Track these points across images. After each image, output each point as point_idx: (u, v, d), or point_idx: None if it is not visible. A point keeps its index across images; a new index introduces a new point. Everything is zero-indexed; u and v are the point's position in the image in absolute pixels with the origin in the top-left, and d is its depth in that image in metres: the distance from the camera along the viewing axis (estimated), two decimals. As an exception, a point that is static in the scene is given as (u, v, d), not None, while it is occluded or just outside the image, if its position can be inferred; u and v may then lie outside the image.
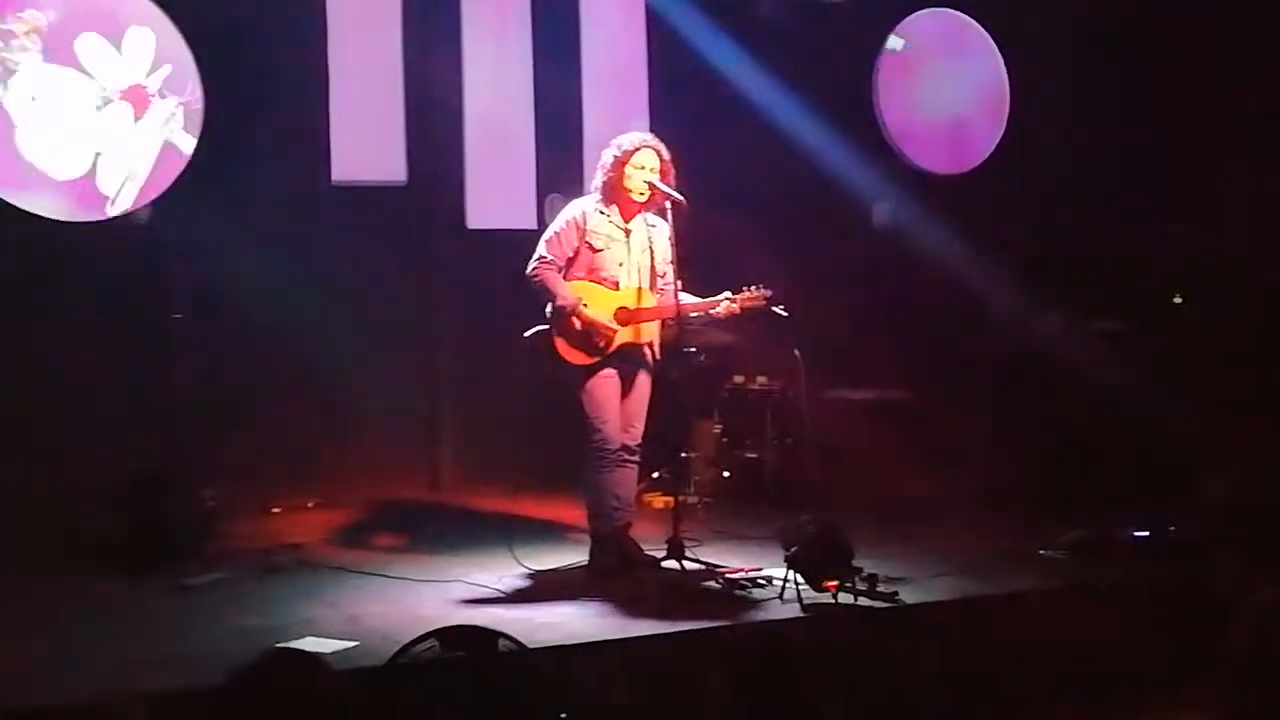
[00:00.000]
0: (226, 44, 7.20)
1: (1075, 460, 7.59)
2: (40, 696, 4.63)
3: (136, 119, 6.88)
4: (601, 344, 6.12)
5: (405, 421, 8.18)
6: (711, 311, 6.21)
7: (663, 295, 6.22)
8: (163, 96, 6.91)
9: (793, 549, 5.68)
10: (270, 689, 2.98)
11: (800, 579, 5.66)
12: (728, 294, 6.18)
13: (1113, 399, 7.68)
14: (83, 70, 6.75)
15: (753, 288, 6.16)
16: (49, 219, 6.68)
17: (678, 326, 6.24)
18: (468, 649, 4.06)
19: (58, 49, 6.68)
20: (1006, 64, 8.96)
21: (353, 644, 5.08)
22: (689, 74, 8.34)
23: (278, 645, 4.76)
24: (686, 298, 6.20)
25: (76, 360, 6.92)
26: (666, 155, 6.15)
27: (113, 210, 6.87)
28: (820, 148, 8.48)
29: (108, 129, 6.82)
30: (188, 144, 6.97)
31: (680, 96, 8.29)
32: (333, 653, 4.90)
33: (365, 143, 7.78)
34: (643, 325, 6.18)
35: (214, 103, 7.01)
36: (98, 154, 6.81)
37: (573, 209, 6.23)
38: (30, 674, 4.87)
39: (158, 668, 4.88)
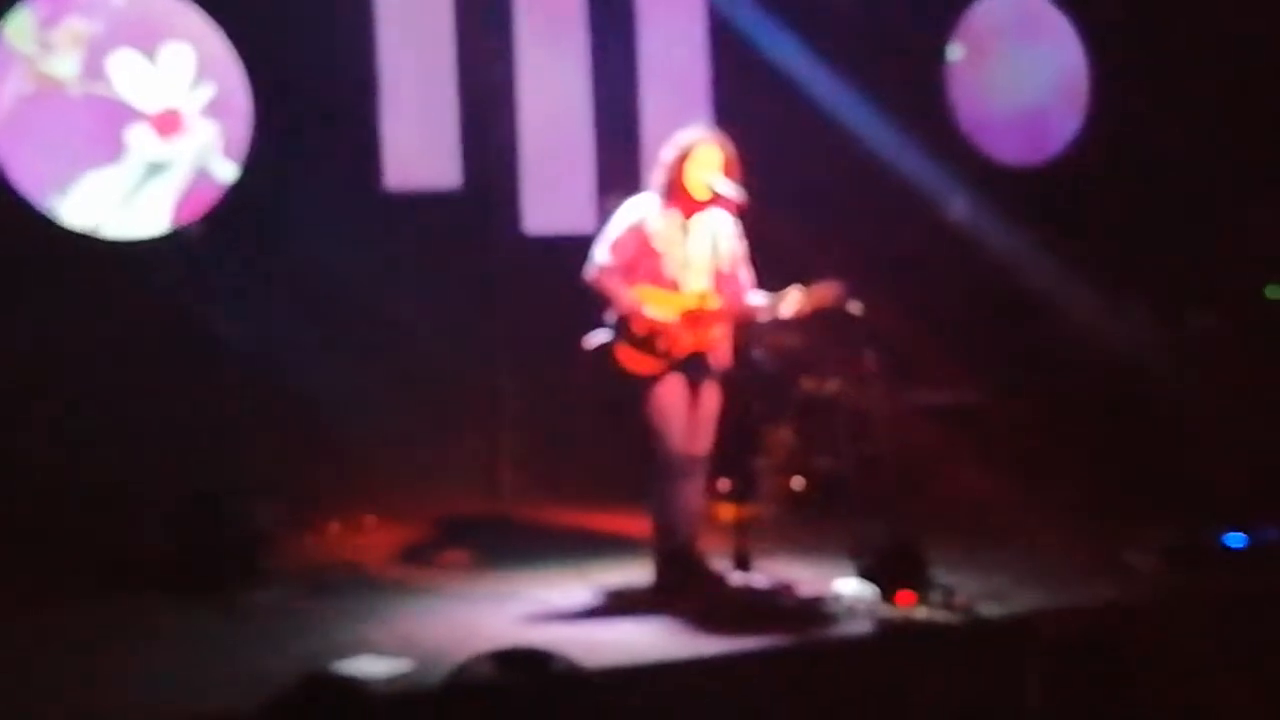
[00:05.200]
0: (274, 52, 7.20)
1: (1164, 463, 7.28)
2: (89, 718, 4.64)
3: (167, 141, 6.83)
4: (666, 350, 5.89)
5: (465, 434, 8.06)
6: (781, 309, 5.96)
7: (729, 296, 6.00)
8: (203, 118, 6.86)
9: (864, 562, 5.53)
10: (309, 714, 2.88)
11: (872, 593, 5.46)
12: (797, 289, 5.94)
13: (1202, 397, 7.38)
14: (113, 90, 6.68)
15: (823, 283, 5.92)
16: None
17: (744, 329, 6.00)
18: (522, 670, 3.89)
19: (93, 64, 6.62)
20: (1085, 49, 8.68)
21: (406, 665, 4.95)
22: (751, 68, 8.18)
23: (323, 667, 4.67)
24: (754, 296, 6.00)
25: (125, 376, 6.92)
26: (729, 150, 5.94)
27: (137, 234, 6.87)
28: (889, 141, 8.29)
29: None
30: (225, 169, 6.94)
31: (743, 91, 8.13)
32: (385, 675, 4.81)
33: (419, 149, 7.74)
34: (709, 328, 5.95)
35: (263, 110, 7.01)
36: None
37: (631, 211, 6.03)
38: (80, 694, 4.85)
39: (206, 689, 4.82)
